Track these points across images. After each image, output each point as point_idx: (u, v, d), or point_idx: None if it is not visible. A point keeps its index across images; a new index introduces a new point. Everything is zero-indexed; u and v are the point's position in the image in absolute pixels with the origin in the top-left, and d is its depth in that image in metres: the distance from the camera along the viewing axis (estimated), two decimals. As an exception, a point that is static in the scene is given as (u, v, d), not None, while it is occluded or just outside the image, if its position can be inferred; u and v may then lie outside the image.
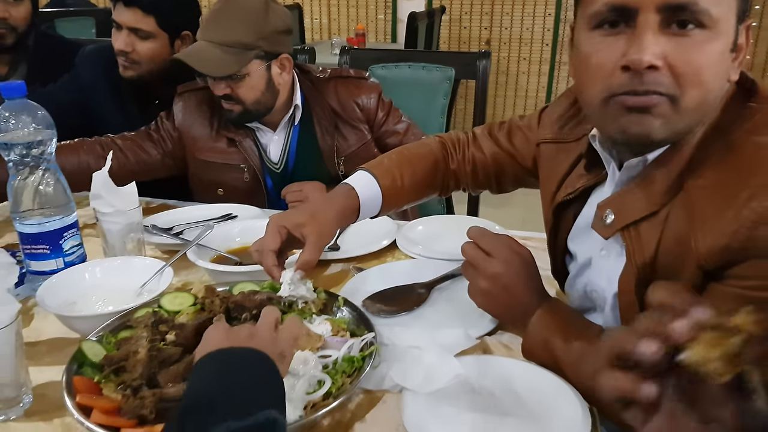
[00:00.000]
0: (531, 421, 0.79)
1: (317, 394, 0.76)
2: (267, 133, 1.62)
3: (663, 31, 0.71)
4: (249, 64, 1.44)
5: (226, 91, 1.47)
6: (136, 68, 1.64)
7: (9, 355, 0.80)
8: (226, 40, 1.42)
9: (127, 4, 1.57)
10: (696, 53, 0.71)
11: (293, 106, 1.58)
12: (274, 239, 0.96)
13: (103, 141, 1.56)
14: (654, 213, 0.79)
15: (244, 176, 1.60)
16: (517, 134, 1.16)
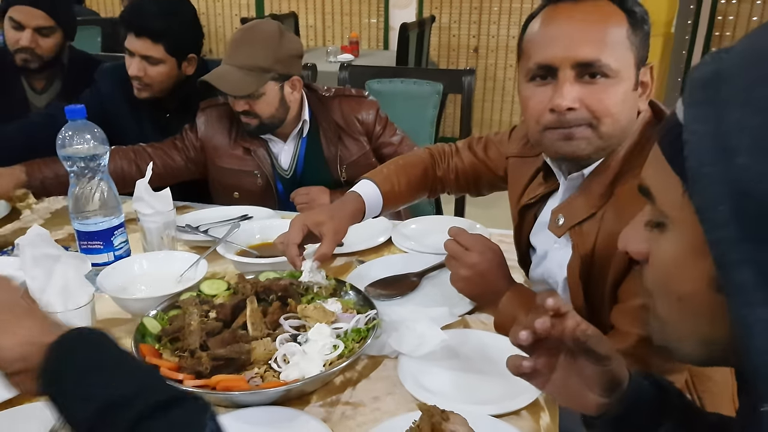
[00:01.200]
0: (498, 378, 1.00)
1: (333, 354, 0.98)
2: (278, 144, 1.83)
3: (578, 81, 0.96)
4: (265, 85, 1.66)
5: (245, 107, 1.68)
6: (149, 89, 1.84)
7: (87, 326, 1.00)
8: (246, 64, 1.64)
9: (138, 35, 1.77)
10: (604, 95, 0.96)
11: (302, 121, 1.80)
12: (298, 234, 1.17)
13: (135, 149, 1.77)
14: (593, 214, 1.01)
15: (257, 181, 1.81)
16: (491, 148, 1.39)
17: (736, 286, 0.44)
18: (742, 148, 0.43)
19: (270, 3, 5.57)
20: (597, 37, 0.95)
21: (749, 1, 4.67)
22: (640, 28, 0.98)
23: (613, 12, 0.97)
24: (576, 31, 0.96)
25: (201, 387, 0.91)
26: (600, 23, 0.96)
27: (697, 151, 0.46)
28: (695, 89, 0.48)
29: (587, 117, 0.97)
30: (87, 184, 1.25)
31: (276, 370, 0.96)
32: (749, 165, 0.43)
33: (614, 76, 0.96)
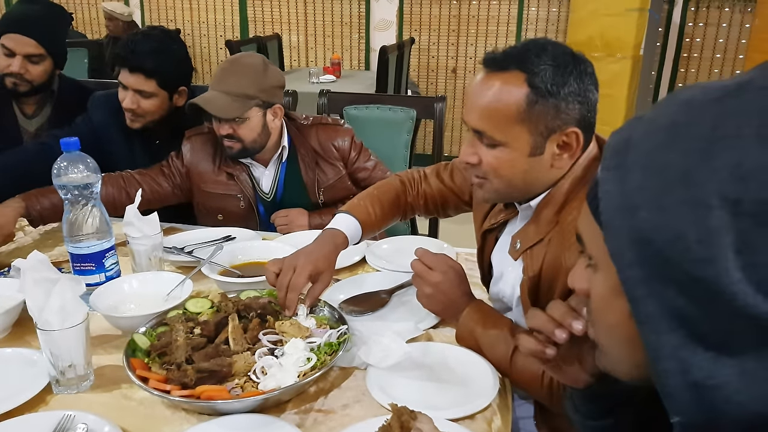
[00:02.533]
0: (456, 386, 1.11)
1: (306, 366, 1.08)
2: (259, 168, 1.94)
3: (480, 141, 1.11)
4: (250, 111, 1.78)
5: (229, 131, 1.79)
6: (141, 120, 1.95)
7: (82, 342, 1.10)
8: (233, 91, 1.76)
9: (131, 70, 1.88)
10: (492, 159, 1.11)
11: (281, 147, 1.91)
12: (305, 282, 1.24)
13: (124, 175, 1.87)
14: (541, 239, 1.13)
15: (240, 204, 1.91)
16: (456, 174, 1.51)
17: (644, 317, 0.52)
18: (643, 204, 0.51)
19: (254, 25, 5.70)
20: (484, 111, 1.08)
21: (715, 25, 4.87)
22: (542, 101, 1.05)
23: (513, 89, 1.05)
24: (474, 101, 1.10)
25: (186, 397, 1.01)
26: (491, 100, 1.07)
27: (608, 208, 0.55)
28: (609, 155, 0.58)
29: (481, 172, 1.13)
30: (80, 210, 1.34)
31: (255, 381, 1.06)
32: (648, 218, 0.51)
33: (502, 145, 1.09)
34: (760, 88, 0.50)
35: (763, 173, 0.46)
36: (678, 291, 0.50)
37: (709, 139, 0.49)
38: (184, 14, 5.81)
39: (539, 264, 1.13)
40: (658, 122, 0.55)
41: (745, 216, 0.46)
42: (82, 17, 6.02)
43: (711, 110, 0.51)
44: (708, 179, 0.48)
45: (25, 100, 2.16)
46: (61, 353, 1.08)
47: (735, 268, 0.46)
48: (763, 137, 0.47)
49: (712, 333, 0.49)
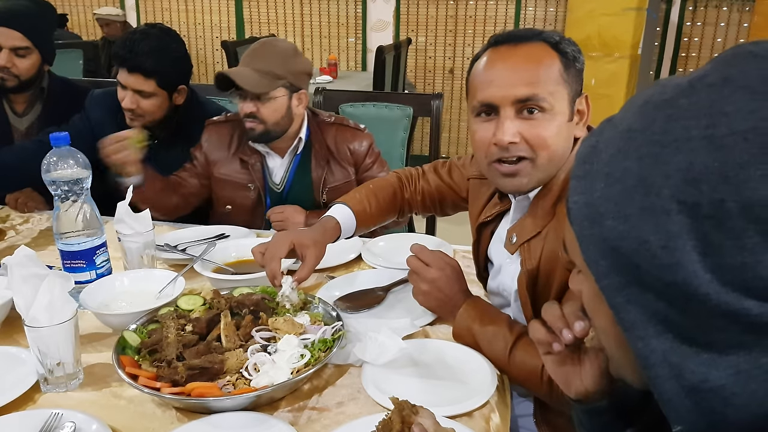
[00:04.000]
0: (453, 383, 1.09)
1: (300, 363, 1.06)
2: (275, 158, 1.94)
3: (518, 116, 1.07)
4: (276, 90, 1.78)
5: (253, 109, 1.78)
6: (140, 120, 1.93)
7: (71, 340, 1.07)
8: (262, 69, 1.76)
9: (130, 70, 1.86)
10: (540, 129, 1.07)
11: (298, 138, 1.91)
12: (284, 249, 1.25)
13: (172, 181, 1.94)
14: (538, 233, 1.11)
15: (250, 194, 1.92)
16: (455, 171, 1.49)
17: (628, 324, 0.51)
18: (608, 213, 0.51)
19: (250, 26, 5.69)
20: (531, 76, 1.06)
21: (713, 24, 4.87)
22: (572, 66, 1.09)
23: (547, 53, 1.08)
24: (513, 72, 1.07)
25: (177, 394, 0.99)
26: (534, 63, 1.07)
27: (577, 218, 0.55)
28: (577, 163, 0.57)
29: (526, 150, 1.08)
30: (70, 206, 1.32)
31: (247, 378, 1.04)
32: (614, 226, 0.51)
33: (549, 110, 1.07)
34: (710, 85, 0.49)
35: (714, 175, 0.46)
36: (656, 296, 0.49)
37: (660, 144, 0.49)
38: (180, 16, 5.80)
39: (537, 257, 1.11)
40: (618, 127, 0.54)
41: (704, 219, 0.46)
42: (78, 20, 6.01)
43: (663, 112, 0.50)
44: (663, 185, 0.48)
45: (15, 97, 2.13)
46: (49, 351, 1.05)
47: (703, 270, 0.46)
48: (710, 138, 0.46)
49: (698, 334, 0.48)
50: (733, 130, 0.46)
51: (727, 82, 0.48)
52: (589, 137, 0.58)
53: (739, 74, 0.48)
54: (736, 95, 0.47)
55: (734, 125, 0.46)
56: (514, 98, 1.07)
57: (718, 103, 0.47)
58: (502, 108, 1.08)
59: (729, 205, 0.45)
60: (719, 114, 0.47)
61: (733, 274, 0.45)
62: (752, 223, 0.44)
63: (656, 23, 4.88)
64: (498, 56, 1.10)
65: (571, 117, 1.11)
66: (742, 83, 0.48)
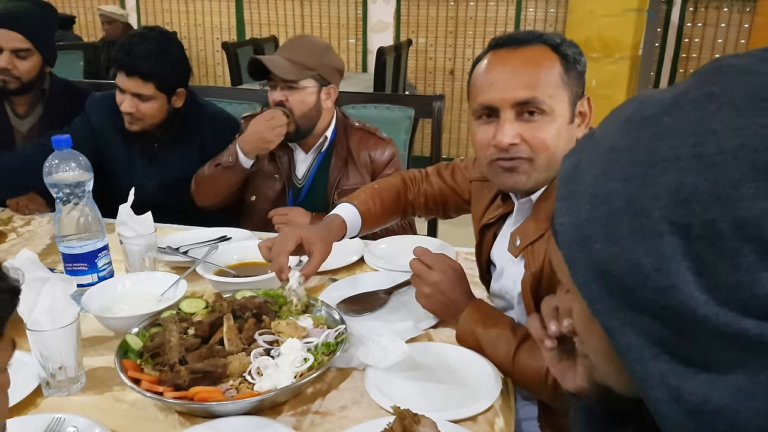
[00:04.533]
0: (457, 386, 1.09)
1: (303, 367, 1.05)
2: (301, 154, 1.98)
3: (518, 119, 1.07)
4: (305, 80, 1.82)
5: (282, 98, 1.82)
6: (139, 124, 1.92)
7: (73, 344, 1.07)
8: (293, 58, 1.82)
9: (129, 74, 1.85)
10: (540, 131, 1.07)
11: (323, 137, 1.93)
12: (292, 243, 1.25)
13: None
14: (542, 235, 1.11)
15: (276, 185, 1.96)
16: (457, 173, 1.49)
17: (624, 347, 0.50)
18: (595, 236, 0.50)
19: (251, 27, 5.69)
20: (532, 78, 1.07)
21: (714, 25, 4.87)
22: (573, 68, 1.09)
23: (547, 56, 1.09)
24: (514, 74, 1.08)
25: (180, 398, 0.98)
26: (535, 66, 1.08)
27: (564, 242, 0.54)
28: (561, 183, 0.56)
29: (526, 151, 1.08)
30: (72, 209, 1.32)
31: (250, 382, 1.04)
32: (603, 249, 0.49)
33: (549, 112, 1.07)
34: (694, 102, 0.48)
35: (705, 194, 0.45)
36: (651, 318, 0.48)
37: (647, 164, 0.48)
38: (181, 17, 5.79)
39: (541, 260, 1.10)
40: (600, 146, 0.53)
41: (697, 239, 0.45)
42: (79, 21, 6.00)
43: (647, 131, 0.49)
44: (652, 206, 0.47)
45: (16, 99, 2.13)
46: (51, 354, 1.05)
47: (699, 291, 0.45)
48: (699, 157, 0.46)
49: (696, 355, 0.47)
50: (721, 148, 0.45)
51: (711, 98, 0.48)
52: (570, 155, 0.57)
53: (723, 90, 0.48)
54: (721, 112, 0.46)
55: (723, 143, 0.45)
56: (513, 101, 1.07)
57: (704, 121, 0.47)
58: (502, 110, 1.08)
59: (722, 225, 0.44)
60: (706, 132, 0.46)
61: (730, 294, 0.45)
62: (746, 242, 0.44)
63: (657, 24, 4.87)
64: (498, 59, 1.11)
65: (572, 119, 1.11)
66: (726, 99, 0.47)
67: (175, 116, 1.98)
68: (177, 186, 1.98)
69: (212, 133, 2.03)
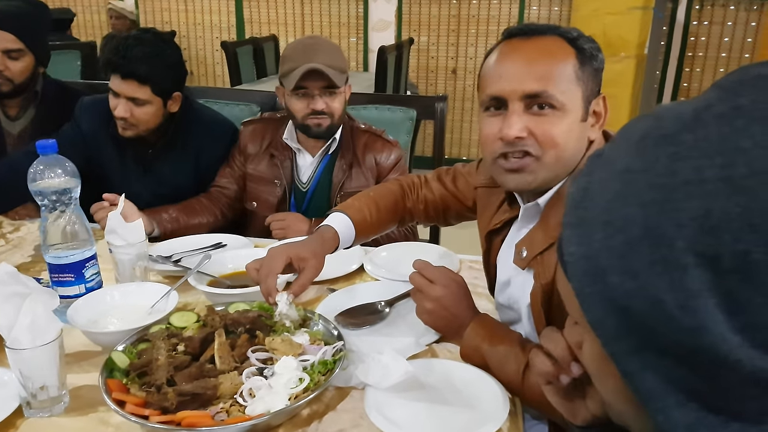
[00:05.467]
0: (464, 408, 1.02)
1: (298, 388, 0.99)
2: (306, 157, 1.92)
3: (527, 112, 1.01)
4: (343, 84, 1.82)
5: (323, 106, 1.79)
6: (134, 129, 1.83)
7: (54, 362, 1.01)
8: (331, 64, 1.78)
9: (124, 77, 1.76)
10: (550, 126, 1.01)
11: (332, 139, 1.87)
12: (280, 265, 1.19)
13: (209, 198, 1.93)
14: (552, 244, 1.04)
15: (276, 191, 1.91)
16: (459, 179, 1.42)
17: (645, 393, 0.45)
18: (611, 268, 0.44)
19: (251, 26, 5.63)
20: (544, 70, 1.00)
21: (720, 23, 4.80)
22: (588, 64, 1.03)
23: (562, 48, 1.02)
24: (525, 65, 1.01)
25: (166, 423, 0.92)
26: (548, 58, 1.01)
27: (575, 274, 0.48)
28: (569, 209, 0.50)
29: (533, 146, 1.02)
30: (58, 217, 1.26)
31: (242, 405, 0.97)
32: (620, 283, 0.44)
33: (560, 108, 1.01)
34: (719, 116, 0.42)
35: (737, 222, 0.39)
36: (676, 362, 0.42)
37: (668, 187, 0.42)
38: (180, 16, 5.73)
39: (552, 270, 1.04)
40: (613, 167, 0.47)
41: (727, 273, 0.39)
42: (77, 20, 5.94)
43: (666, 150, 0.43)
44: (675, 235, 0.41)
45: (8, 101, 2.07)
46: (32, 374, 0.99)
47: (731, 332, 0.39)
48: (728, 179, 0.40)
49: (727, 403, 0.42)
50: (753, 169, 0.39)
51: (738, 112, 0.42)
52: (579, 178, 0.51)
53: (752, 104, 0.42)
54: (752, 128, 0.40)
55: (754, 163, 0.39)
56: (523, 93, 1.01)
57: (732, 138, 0.41)
58: (510, 102, 1.02)
59: (756, 257, 0.38)
60: (735, 151, 0.40)
61: (766, 335, 0.39)
62: None
63: (662, 22, 4.81)
64: (510, 49, 1.04)
65: (585, 117, 1.04)
66: (756, 113, 0.41)
67: (170, 121, 1.90)
68: (172, 194, 1.91)
69: (209, 139, 1.96)
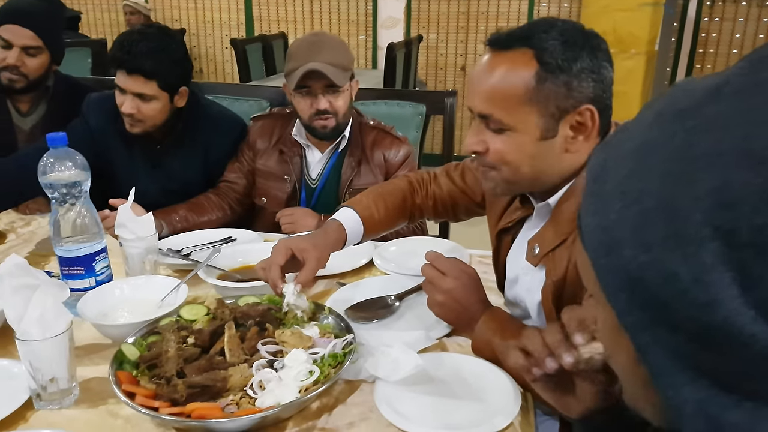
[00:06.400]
0: (474, 402, 1.02)
1: (308, 380, 0.99)
2: (315, 153, 1.91)
3: (488, 127, 1.02)
4: (347, 82, 1.79)
5: (327, 105, 1.77)
6: (141, 125, 1.82)
7: (65, 354, 1.01)
8: (334, 62, 1.74)
9: (130, 72, 1.75)
10: (501, 145, 1.02)
11: (341, 136, 1.87)
12: (281, 257, 1.18)
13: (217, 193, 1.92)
14: (563, 241, 1.03)
15: (286, 187, 1.90)
16: (468, 174, 1.41)
17: (655, 368, 0.44)
18: (625, 241, 0.44)
19: (260, 24, 5.63)
20: (491, 93, 1.00)
21: (732, 19, 4.75)
22: (554, 78, 0.97)
23: (523, 65, 0.98)
24: (479, 84, 1.02)
25: (176, 415, 0.92)
26: (498, 80, 0.99)
27: (590, 244, 0.47)
28: (589, 180, 0.50)
29: (489, 161, 1.04)
30: (69, 210, 1.26)
31: (252, 397, 0.97)
32: (634, 256, 0.43)
33: (510, 129, 1.01)
34: (740, 91, 0.41)
35: (755, 195, 0.38)
36: (688, 338, 0.41)
37: (685, 160, 0.41)
38: (189, 13, 5.74)
39: (564, 267, 1.03)
40: (633, 141, 0.47)
41: (743, 247, 0.38)
42: (87, 18, 5.97)
43: (684, 123, 0.42)
44: (691, 208, 0.40)
45: (19, 97, 2.08)
46: (41, 366, 0.99)
47: (745, 307, 0.38)
48: (748, 152, 0.39)
49: (740, 381, 0.41)
50: None
51: (759, 86, 0.41)
52: (599, 151, 0.50)
53: None
54: None
55: None
56: (476, 111, 1.03)
57: (754, 112, 0.40)
58: (474, 116, 1.04)
59: None
60: (756, 123, 0.39)
61: None
62: None
63: (673, 19, 4.77)
64: (479, 62, 1.05)
65: (548, 135, 1.01)
66: None
67: (178, 117, 1.90)
68: (181, 189, 1.90)
69: (217, 134, 1.96)
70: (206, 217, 1.85)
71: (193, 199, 1.87)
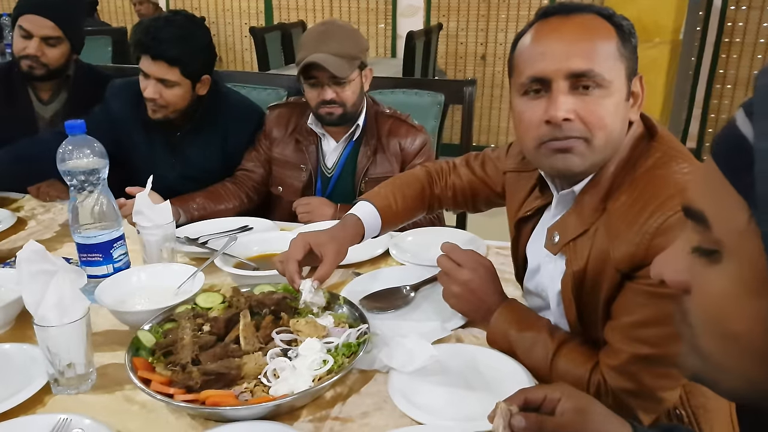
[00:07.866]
0: (487, 393, 1.01)
1: (322, 370, 0.98)
2: (330, 142, 1.91)
3: (572, 92, 0.96)
4: (354, 72, 1.77)
5: (333, 95, 1.76)
6: (163, 111, 1.83)
7: (82, 340, 1.02)
8: (339, 52, 1.74)
9: (154, 58, 1.76)
10: (597, 107, 0.96)
11: (356, 125, 1.86)
12: (300, 251, 1.18)
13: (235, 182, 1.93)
14: (586, 231, 1.02)
15: (302, 176, 1.91)
16: (488, 164, 1.39)
17: None
18: None
19: (279, 12, 5.63)
20: (588, 48, 0.96)
21: (759, 8, 4.65)
22: (628, 41, 0.98)
23: (602, 26, 0.98)
24: (568, 43, 0.96)
25: (191, 401, 0.92)
26: (591, 35, 0.97)
27: None
28: (759, 102, 0.42)
29: (581, 130, 0.96)
30: (87, 197, 1.27)
31: (266, 385, 0.97)
32: None
33: (607, 86, 0.96)
34: None
35: None
36: None
37: None
38: (209, 1, 5.75)
39: (585, 258, 1.01)
40: None
41: None
42: (107, 6, 6.01)
43: None
44: None
45: (40, 85, 2.10)
46: (59, 351, 1.00)
47: None
48: None
49: None
50: None
51: None
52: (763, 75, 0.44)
53: None
54: None
55: None
56: (568, 71, 0.95)
57: None
58: (554, 82, 0.96)
59: None
60: None
61: None
62: None
63: (699, 7, 4.67)
64: (549, 28, 0.99)
65: (628, 97, 1.00)
66: None
67: (198, 104, 1.91)
68: (199, 177, 1.91)
69: (235, 122, 1.96)
70: (223, 205, 1.85)
71: (210, 187, 1.88)
